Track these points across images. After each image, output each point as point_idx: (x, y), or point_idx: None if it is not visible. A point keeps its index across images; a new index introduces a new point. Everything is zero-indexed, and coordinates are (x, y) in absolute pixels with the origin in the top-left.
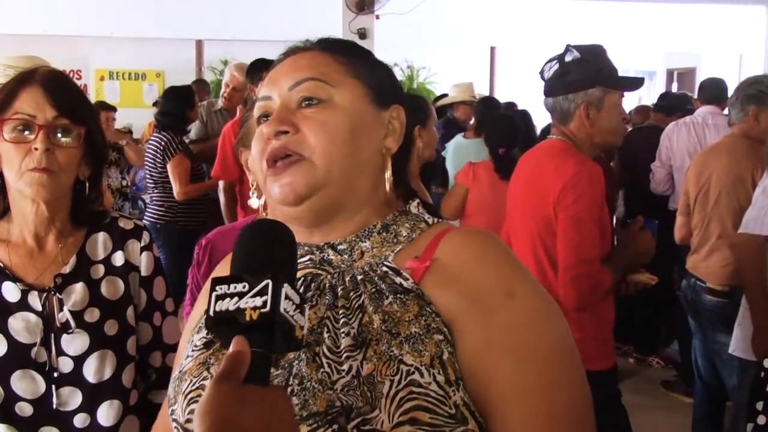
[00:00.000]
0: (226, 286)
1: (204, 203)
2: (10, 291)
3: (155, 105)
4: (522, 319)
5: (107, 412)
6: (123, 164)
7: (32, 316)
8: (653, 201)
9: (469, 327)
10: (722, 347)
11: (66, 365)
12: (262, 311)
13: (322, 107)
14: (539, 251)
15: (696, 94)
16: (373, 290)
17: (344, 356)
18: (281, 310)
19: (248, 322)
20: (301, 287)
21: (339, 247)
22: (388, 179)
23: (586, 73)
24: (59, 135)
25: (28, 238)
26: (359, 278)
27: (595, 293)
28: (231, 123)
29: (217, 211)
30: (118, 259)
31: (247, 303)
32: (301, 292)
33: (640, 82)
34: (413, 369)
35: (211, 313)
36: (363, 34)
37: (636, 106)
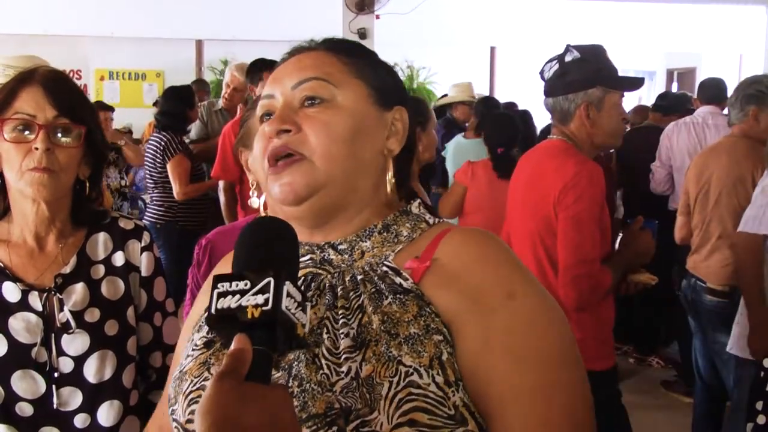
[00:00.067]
0: (228, 284)
1: (204, 203)
2: (11, 291)
3: (155, 105)
4: (522, 320)
5: (107, 413)
6: (121, 164)
7: (32, 316)
8: (653, 201)
9: (469, 327)
10: (722, 347)
11: (66, 365)
12: (264, 309)
13: (325, 107)
14: (539, 251)
15: (696, 94)
16: (373, 290)
17: (343, 358)
18: (283, 308)
19: (250, 320)
20: (302, 286)
21: (339, 247)
22: (390, 181)
23: (586, 73)
24: (59, 135)
25: (29, 238)
26: (359, 278)
27: (596, 293)
28: (231, 123)
29: (217, 211)
30: (119, 260)
31: (249, 301)
32: (303, 290)
33: (640, 82)
34: (412, 370)
35: (213, 311)
36: (363, 34)
37: (634, 106)
